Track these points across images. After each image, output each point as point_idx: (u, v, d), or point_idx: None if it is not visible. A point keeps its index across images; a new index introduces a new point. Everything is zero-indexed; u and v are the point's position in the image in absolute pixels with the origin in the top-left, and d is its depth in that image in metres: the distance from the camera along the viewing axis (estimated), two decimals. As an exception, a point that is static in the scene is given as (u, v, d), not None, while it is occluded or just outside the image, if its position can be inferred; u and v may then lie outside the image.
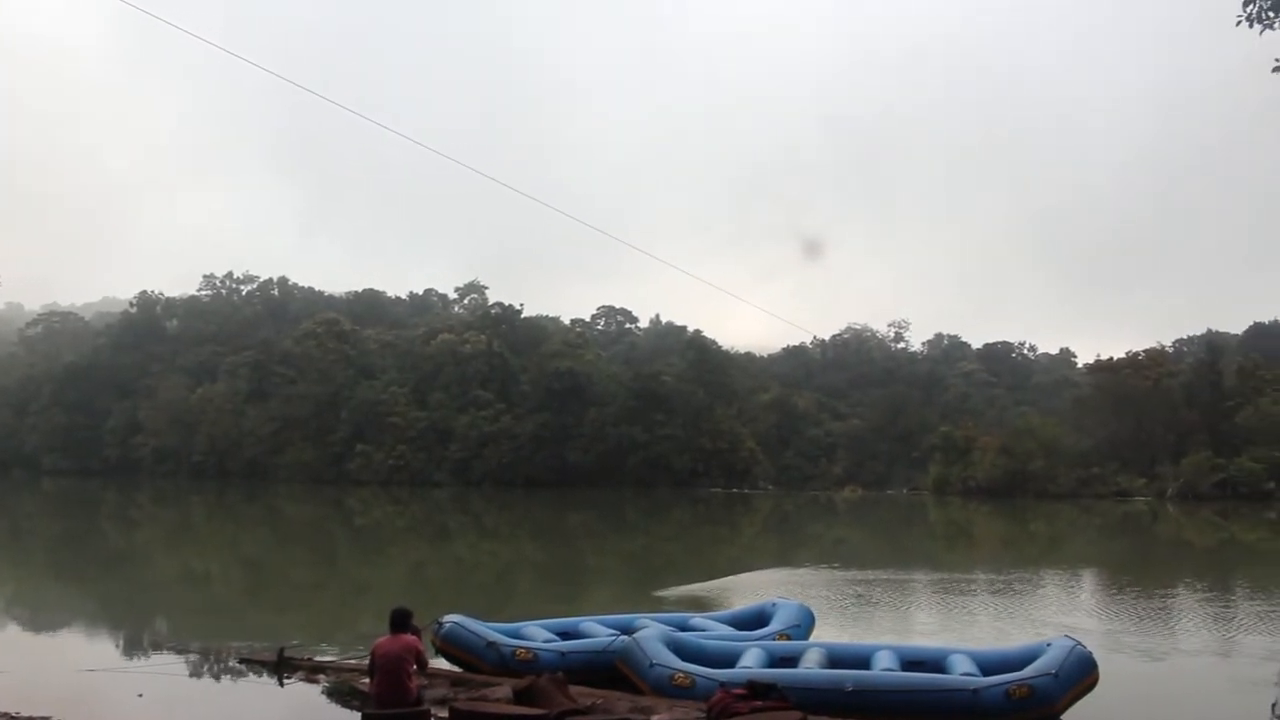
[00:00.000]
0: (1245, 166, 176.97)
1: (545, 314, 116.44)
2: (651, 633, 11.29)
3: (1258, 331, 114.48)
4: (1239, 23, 8.73)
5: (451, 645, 12.13)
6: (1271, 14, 8.57)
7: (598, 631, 12.75)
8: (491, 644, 11.86)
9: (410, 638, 9.02)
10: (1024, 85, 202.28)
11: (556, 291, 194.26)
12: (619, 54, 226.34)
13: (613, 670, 11.02)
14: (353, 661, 12.58)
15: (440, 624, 12.27)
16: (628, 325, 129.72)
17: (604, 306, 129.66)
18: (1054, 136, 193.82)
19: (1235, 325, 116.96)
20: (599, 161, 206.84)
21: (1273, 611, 21.05)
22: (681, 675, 10.20)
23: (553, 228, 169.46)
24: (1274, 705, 8.94)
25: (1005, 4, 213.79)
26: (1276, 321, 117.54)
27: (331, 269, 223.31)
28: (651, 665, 10.46)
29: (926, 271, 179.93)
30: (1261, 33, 8.68)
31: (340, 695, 11.22)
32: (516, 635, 12.60)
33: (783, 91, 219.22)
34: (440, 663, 12.02)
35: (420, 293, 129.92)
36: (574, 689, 9.40)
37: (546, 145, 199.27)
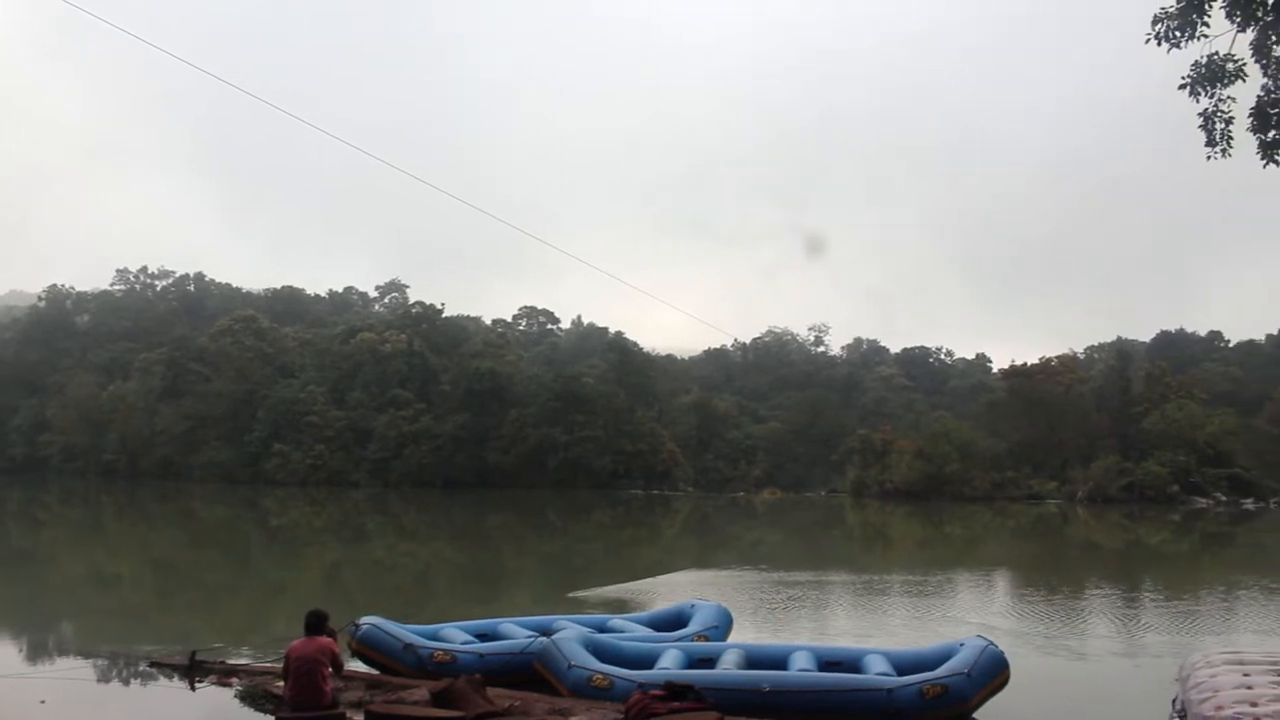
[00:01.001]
0: (1155, 180, 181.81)
1: (466, 314, 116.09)
2: (570, 634, 11.30)
3: (1164, 340, 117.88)
4: (1147, 40, 8.95)
5: (368, 647, 12.02)
6: (1178, 33, 8.80)
7: (516, 633, 12.71)
8: (409, 646, 11.77)
9: (325, 640, 8.92)
10: (945, 95, 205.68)
11: (478, 291, 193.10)
12: (549, 54, 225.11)
13: (531, 672, 11.00)
14: (267, 665, 12.38)
15: (357, 626, 12.15)
16: (549, 326, 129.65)
17: (526, 307, 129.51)
18: (973, 146, 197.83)
19: (1143, 333, 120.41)
20: (525, 162, 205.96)
21: (1175, 611, 21.66)
22: (600, 677, 10.21)
23: (475, 227, 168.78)
24: (1174, 700, 9.20)
25: (928, 15, 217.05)
26: (1182, 330, 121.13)
27: (250, 265, 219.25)
28: (570, 667, 10.46)
29: (846, 276, 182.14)
30: (1169, 51, 8.91)
31: (254, 699, 11.04)
32: (434, 637, 12.51)
33: (710, 95, 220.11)
34: (357, 665, 11.91)
35: (340, 291, 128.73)
36: (492, 691, 9.37)
37: (472, 144, 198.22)
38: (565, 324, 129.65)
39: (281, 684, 9.42)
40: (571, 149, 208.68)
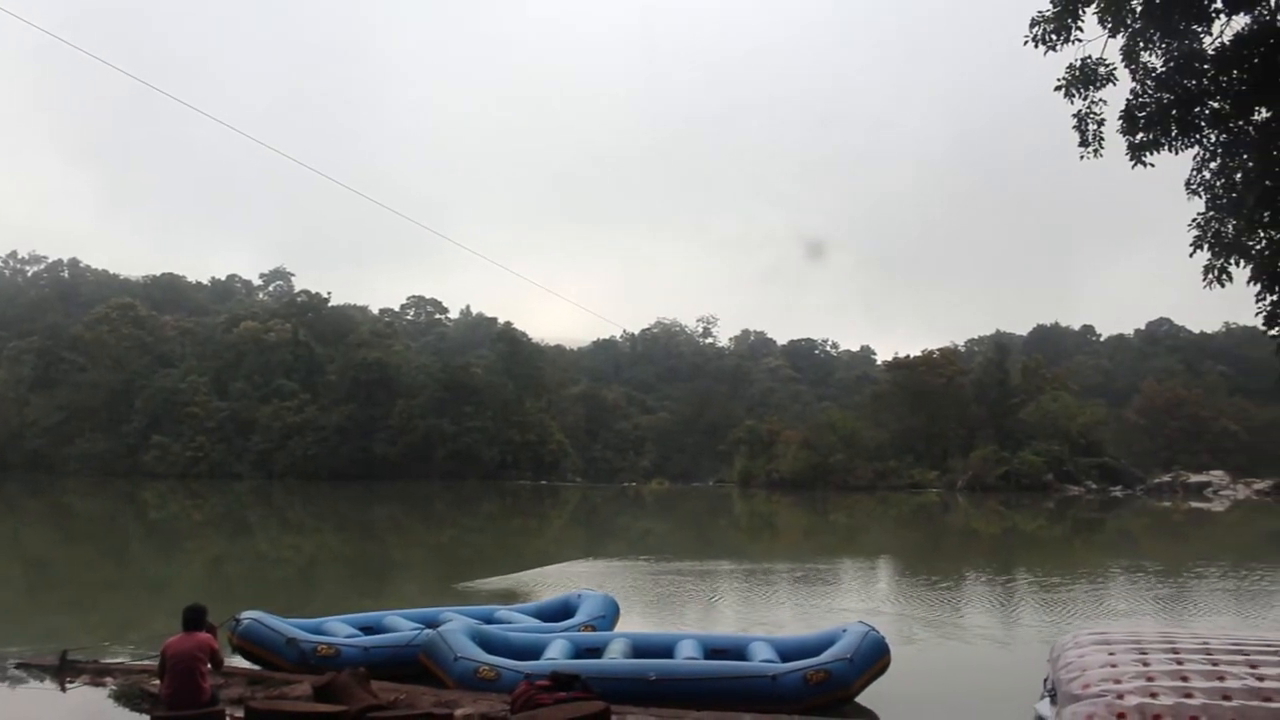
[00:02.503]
0: (1034, 178, 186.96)
1: (353, 303, 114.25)
2: (456, 626, 11.21)
3: (1040, 333, 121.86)
4: (1025, 42, 9.20)
5: (249, 643, 11.75)
6: (1054, 36, 9.06)
7: (402, 626, 12.58)
8: (291, 640, 11.55)
9: (204, 636, 8.69)
10: (833, 91, 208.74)
11: (366, 281, 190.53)
12: (442, 41, 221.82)
13: (417, 665, 10.89)
14: (143, 663, 12.03)
15: (237, 621, 11.87)
16: (438, 316, 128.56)
17: (414, 297, 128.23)
18: (860, 142, 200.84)
19: (1021, 327, 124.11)
20: (416, 151, 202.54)
21: (1049, 595, 22.36)
22: (486, 668, 10.16)
23: (364, 215, 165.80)
24: (1045, 680, 9.52)
25: (817, 13, 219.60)
26: (1057, 324, 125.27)
27: (127, 251, 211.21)
28: (456, 659, 10.38)
29: (736, 268, 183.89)
30: (1045, 53, 9.18)
31: (129, 698, 10.70)
32: (318, 631, 12.30)
33: (606, 87, 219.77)
34: (238, 661, 11.65)
35: (223, 278, 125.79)
36: (376, 684, 9.24)
37: (363, 132, 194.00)
38: (454, 314, 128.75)
39: (158, 682, 9.17)
40: (464, 139, 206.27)
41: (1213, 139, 9.02)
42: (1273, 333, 9.04)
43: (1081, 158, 9.45)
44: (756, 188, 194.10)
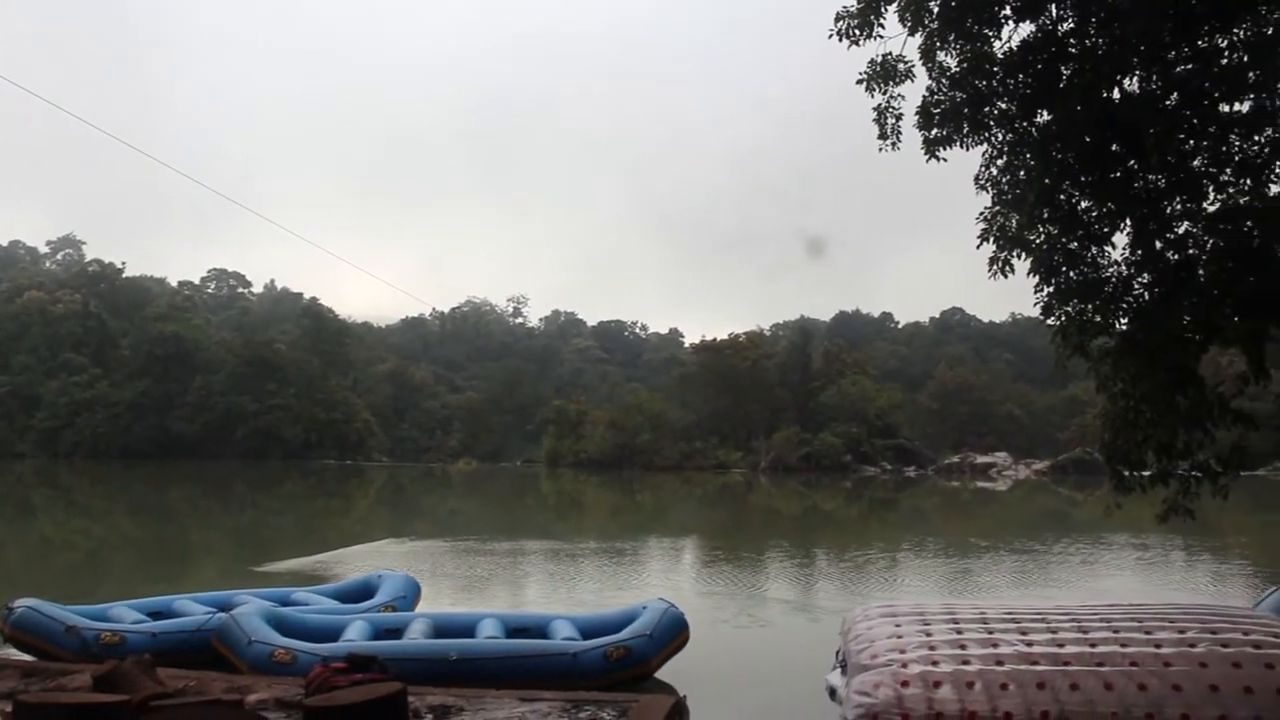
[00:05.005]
0: (837, 167, 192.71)
1: (150, 274, 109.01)
2: (250, 609, 10.86)
3: (842, 319, 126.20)
4: (830, 36, 9.42)
5: (23, 633, 11.03)
6: (857, 32, 9.31)
7: (193, 610, 12.07)
8: (71, 628, 10.92)
9: (-28, 625, 8.19)
10: (645, 76, 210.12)
11: (164, 252, 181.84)
12: (254, 11, 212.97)
13: (209, 650, 10.46)
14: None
15: (10, 610, 11.16)
16: (241, 290, 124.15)
17: (215, 269, 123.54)
18: (670, 126, 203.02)
19: (824, 313, 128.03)
20: (222, 121, 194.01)
21: (845, 571, 23.22)
22: (282, 651, 9.89)
23: (162, 183, 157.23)
24: (838, 652, 9.88)
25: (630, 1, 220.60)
26: (858, 311, 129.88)
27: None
28: (250, 643, 10.06)
29: (547, 249, 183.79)
30: (849, 48, 9.42)
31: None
32: (102, 618, 11.65)
33: (419, 66, 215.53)
34: (11, 653, 10.99)
35: (4, 245, 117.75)
36: (164, 672, 8.86)
37: (167, 100, 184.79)
38: (258, 288, 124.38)
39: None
40: (275, 110, 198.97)
41: (1000, 138, 9.45)
42: (1050, 322, 9.57)
43: (880, 150, 9.78)
44: (570, 169, 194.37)
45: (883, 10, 9.32)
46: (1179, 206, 9.03)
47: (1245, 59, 8.45)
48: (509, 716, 7.69)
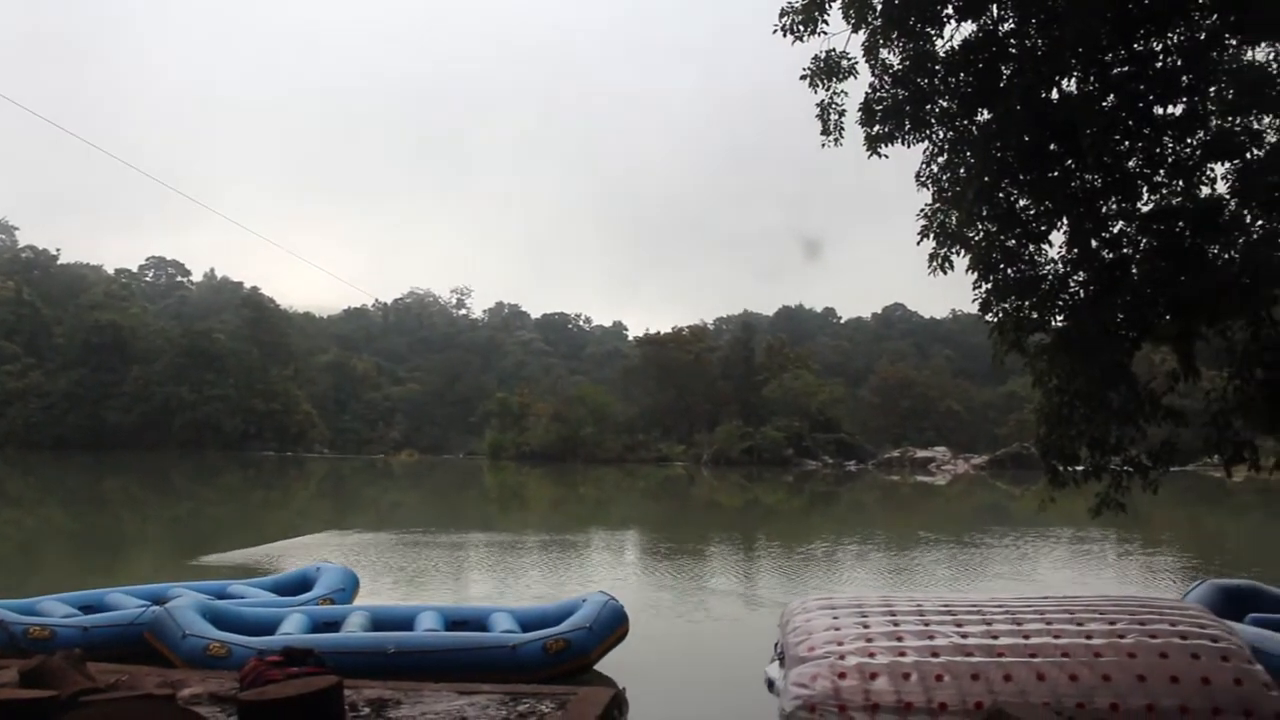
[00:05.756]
0: (783, 163, 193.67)
1: (86, 262, 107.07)
2: (185, 602, 10.72)
3: (785, 314, 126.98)
4: (774, 31, 9.44)
5: (-52, 629, 10.85)
6: (801, 27, 9.34)
7: (126, 603, 11.89)
8: (-2, 623, 10.75)
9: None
10: (593, 67, 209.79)
11: (100, 239, 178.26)
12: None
13: (143, 644, 10.32)
14: None
15: (-65, 606, 10.96)
16: (180, 278, 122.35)
17: (154, 257, 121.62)
18: (615, 120, 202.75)
19: (768, 307, 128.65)
20: (164, 107, 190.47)
21: (785, 564, 23.39)
22: (217, 645, 9.78)
23: (98, 170, 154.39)
24: (776, 645, 9.95)
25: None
26: (801, 306, 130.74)
27: None
28: (184, 636, 9.93)
29: (492, 241, 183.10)
30: (793, 43, 9.44)
31: None
32: (31, 612, 11.43)
33: (355, 50, 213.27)
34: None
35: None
36: (95, 666, 8.72)
37: (102, 83, 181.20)
38: (197, 277, 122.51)
39: None
40: (215, 97, 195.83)
41: (940, 136, 9.53)
42: (988, 318, 9.69)
43: (823, 145, 9.82)
44: (514, 161, 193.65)
45: (827, 7, 9.36)
46: (1114, 206, 9.17)
47: (1179, 63, 8.59)
48: (447, 710, 7.67)
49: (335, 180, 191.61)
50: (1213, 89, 8.69)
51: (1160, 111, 8.83)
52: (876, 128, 9.46)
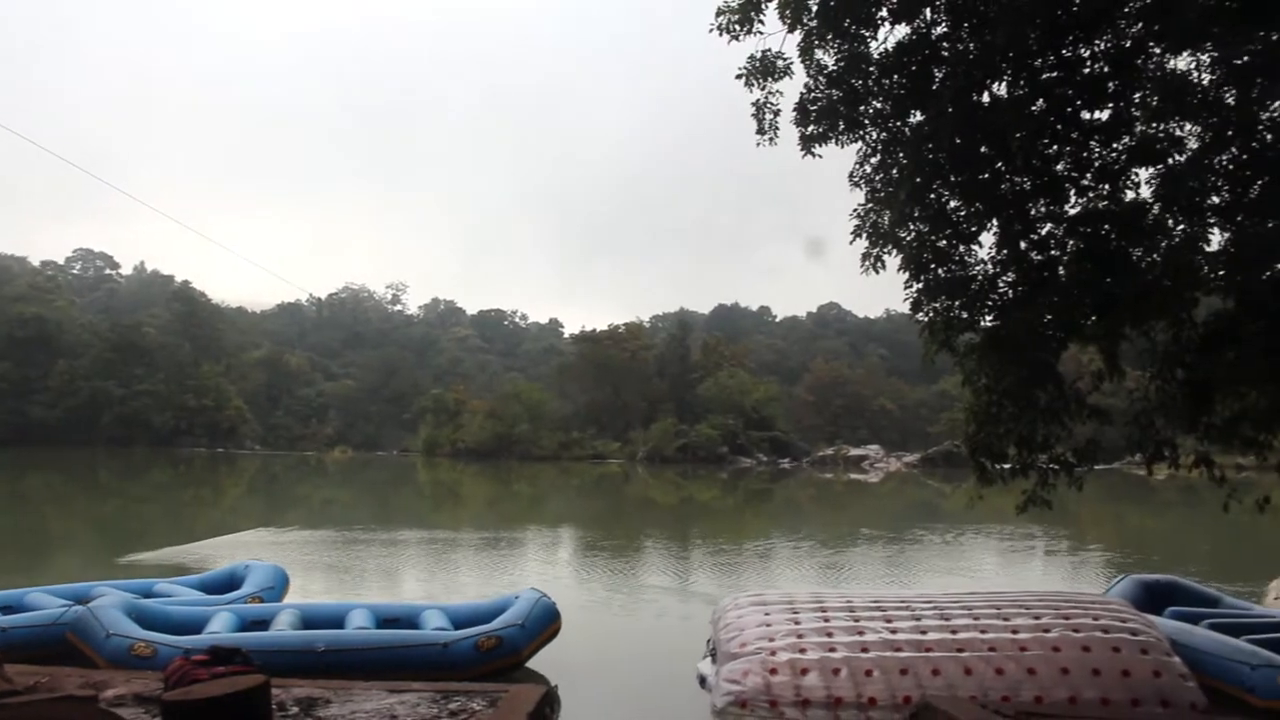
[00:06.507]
0: (719, 161, 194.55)
1: (10, 253, 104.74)
2: (108, 601, 10.51)
3: (721, 312, 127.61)
4: (711, 30, 9.48)
5: None
6: (737, 27, 9.38)
7: (47, 603, 11.62)
8: (-88, 624, 10.45)
9: None
10: (529, 63, 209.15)
11: (26, 231, 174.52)
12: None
13: (65, 645, 10.10)
14: None
15: None
16: (108, 271, 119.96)
17: (81, 249, 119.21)
18: (555, 116, 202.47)
19: (704, 305, 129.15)
20: (95, 98, 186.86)
21: (719, 561, 23.48)
22: (142, 644, 9.60)
23: (23, 160, 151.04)
24: (708, 641, 10.01)
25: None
26: (737, 304, 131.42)
27: None
28: (107, 636, 9.74)
29: (427, 237, 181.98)
30: (729, 42, 9.49)
31: None
32: (-56, 614, 11.21)
33: (291, 44, 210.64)
34: None
35: None
36: (14, 668, 8.53)
37: (26, 70, 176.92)
38: (127, 270, 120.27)
39: None
40: (145, 89, 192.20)
41: (874, 136, 9.63)
42: (919, 317, 9.81)
43: (758, 144, 9.87)
44: (451, 156, 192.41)
45: (762, 7, 9.41)
46: (1042, 209, 9.33)
47: (1105, 69, 8.76)
48: (377, 708, 7.61)
49: (270, 173, 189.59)
50: (1137, 95, 8.88)
51: (1087, 117, 9.00)
52: (811, 128, 9.54)
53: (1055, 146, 9.10)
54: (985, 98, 9.01)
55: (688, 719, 9.26)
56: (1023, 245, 9.37)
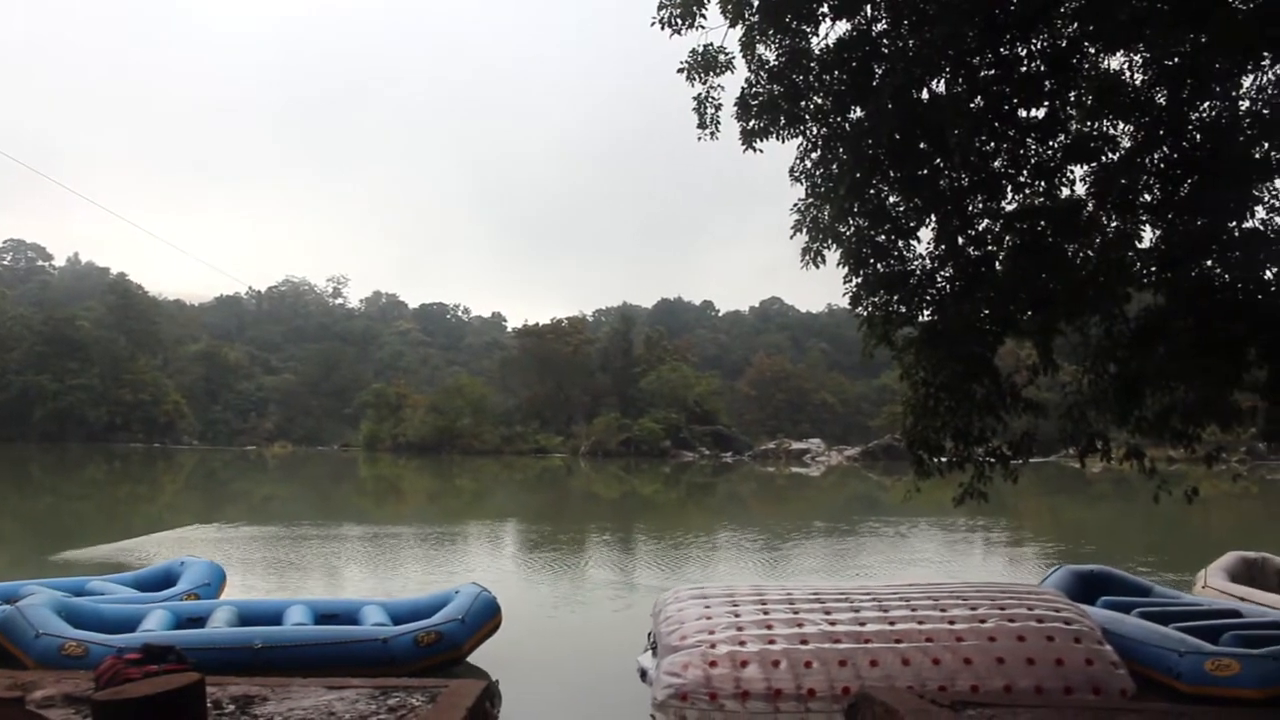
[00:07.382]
0: (659, 158, 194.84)
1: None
2: (38, 599, 10.29)
3: (664, 307, 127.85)
4: (652, 24, 9.47)
5: None
6: (679, 21, 9.38)
7: (-26, 602, 11.41)
8: None
9: None
10: (471, 56, 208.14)
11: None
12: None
13: (-8, 646, 9.92)
14: None
15: None
16: (41, 263, 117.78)
17: (13, 240, 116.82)
18: (497, 110, 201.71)
19: (647, 300, 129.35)
20: (24, 85, 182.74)
21: (660, 554, 23.51)
22: (73, 644, 9.42)
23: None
24: (649, 634, 10.03)
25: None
26: (680, 299, 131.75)
27: None
28: (37, 635, 9.54)
29: (369, 230, 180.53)
30: (671, 36, 9.48)
31: None
32: None
33: (232, 35, 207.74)
34: None
35: None
36: (-61, 668, 8.37)
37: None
38: (60, 261, 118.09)
39: None
40: (78, 78, 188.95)
41: (814, 132, 9.67)
42: (858, 311, 9.88)
43: (699, 139, 9.89)
44: (393, 148, 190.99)
45: (704, 1, 9.42)
46: (980, 205, 9.43)
47: (1042, 68, 8.87)
48: (315, 705, 7.53)
49: (208, 165, 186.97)
50: (1073, 94, 9.01)
51: (1024, 114, 9.11)
52: (752, 123, 9.57)
53: (993, 143, 9.21)
54: (924, 94, 9.08)
55: (629, 712, 9.27)
56: (960, 241, 9.47)
